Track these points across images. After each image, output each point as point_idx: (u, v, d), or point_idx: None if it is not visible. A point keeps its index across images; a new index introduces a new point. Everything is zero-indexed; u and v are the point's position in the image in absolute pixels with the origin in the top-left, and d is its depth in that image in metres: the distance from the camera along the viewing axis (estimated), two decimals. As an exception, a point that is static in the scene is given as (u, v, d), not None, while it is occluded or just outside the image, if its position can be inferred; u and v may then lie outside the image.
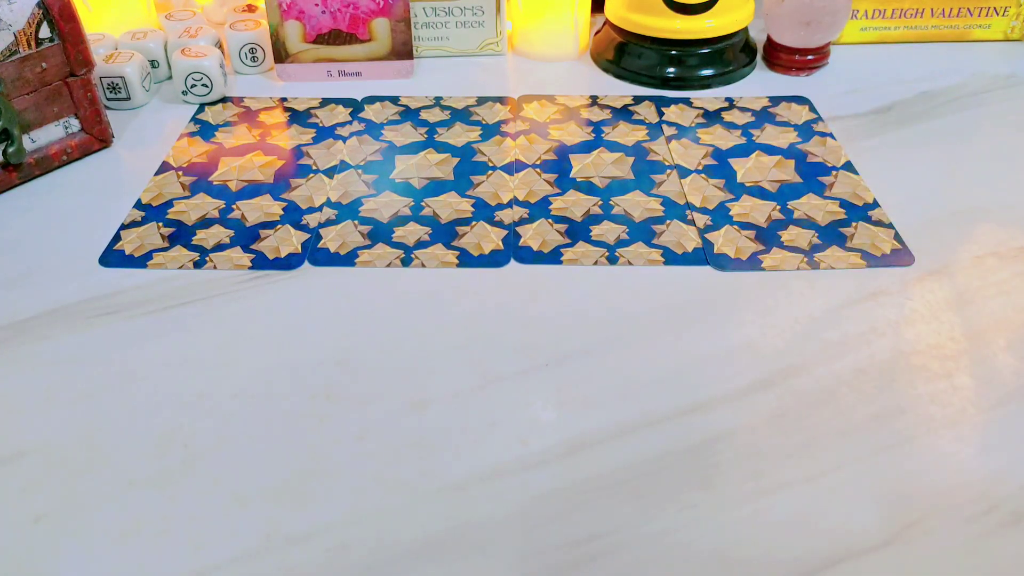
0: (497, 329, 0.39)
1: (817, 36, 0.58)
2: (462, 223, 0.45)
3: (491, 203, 0.47)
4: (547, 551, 0.29)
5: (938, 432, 0.34)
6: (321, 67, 0.60)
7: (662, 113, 0.55)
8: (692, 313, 0.40)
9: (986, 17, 0.63)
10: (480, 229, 0.45)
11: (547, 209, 0.47)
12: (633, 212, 0.46)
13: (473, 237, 0.44)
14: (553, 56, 0.63)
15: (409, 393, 0.36)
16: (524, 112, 0.56)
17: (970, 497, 0.31)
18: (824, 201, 0.47)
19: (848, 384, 0.36)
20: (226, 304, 0.40)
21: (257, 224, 0.45)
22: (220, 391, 0.36)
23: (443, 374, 0.36)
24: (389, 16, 0.58)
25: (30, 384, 0.36)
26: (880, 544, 0.29)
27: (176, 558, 0.29)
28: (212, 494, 0.32)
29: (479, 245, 0.44)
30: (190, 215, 0.46)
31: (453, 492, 0.31)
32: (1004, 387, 0.36)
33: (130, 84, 0.56)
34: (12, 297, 0.41)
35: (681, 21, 0.58)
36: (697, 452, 0.33)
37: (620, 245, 0.44)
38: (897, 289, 0.41)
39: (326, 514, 0.31)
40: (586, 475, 0.32)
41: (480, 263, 0.43)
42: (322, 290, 0.41)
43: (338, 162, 0.51)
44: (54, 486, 0.32)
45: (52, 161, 0.50)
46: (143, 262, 0.43)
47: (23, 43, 0.46)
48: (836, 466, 0.32)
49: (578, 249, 0.44)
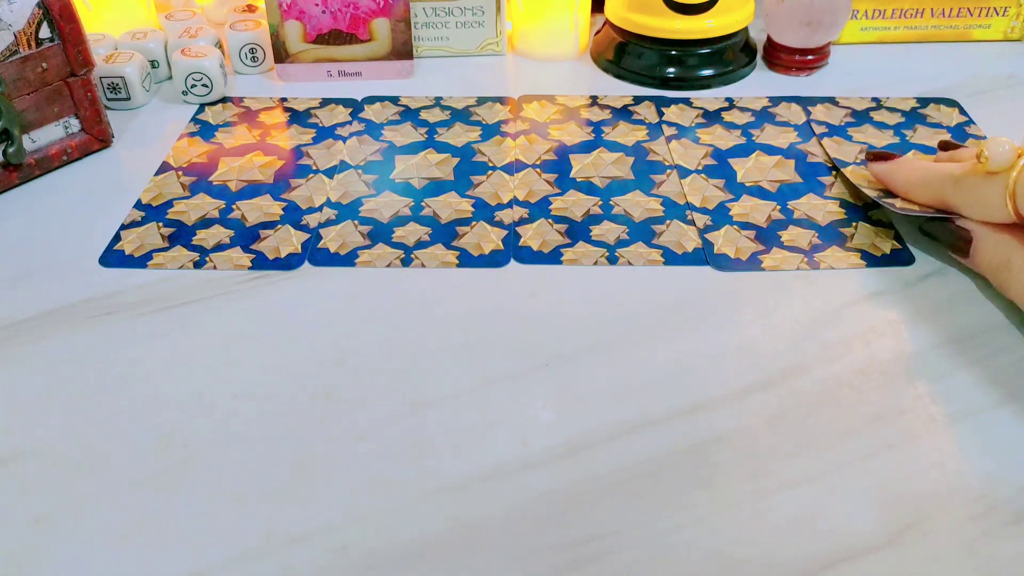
0: (497, 329, 0.39)
1: (817, 36, 0.58)
2: (462, 223, 0.45)
3: (491, 203, 0.47)
4: (547, 551, 0.29)
5: (938, 432, 0.34)
6: (321, 67, 0.60)
7: (662, 113, 0.55)
8: (692, 313, 0.40)
9: (986, 17, 0.63)
10: (480, 229, 0.45)
11: (547, 209, 0.47)
12: (633, 212, 0.46)
13: (473, 237, 0.44)
14: (553, 56, 0.63)
15: (409, 393, 0.36)
16: (524, 112, 0.56)
17: (970, 498, 0.31)
18: (824, 201, 0.47)
19: (848, 384, 0.36)
20: (226, 304, 0.40)
21: (257, 224, 0.45)
22: (220, 391, 0.36)
23: (443, 374, 0.36)
24: (389, 16, 0.58)
25: (30, 384, 0.36)
26: (880, 544, 0.29)
27: (176, 558, 0.29)
28: (212, 494, 0.32)
29: (479, 245, 0.44)
30: (190, 215, 0.46)
31: (453, 492, 0.31)
32: (1004, 387, 0.36)
33: (130, 84, 0.56)
34: (12, 297, 0.41)
35: (681, 21, 0.58)
36: (697, 452, 0.33)
37: (620, 245, 0.44)
38: (897, 289, 0.41)
39: (326, 514, 0.31)
40: (586, 475, 0.32)
41: (480, 263, 0.43)
42: (322, 290, 0.41)
43: (338, 162, 0.51)
44: (54, 486, 0.32)
45: (52, 161, 0.50)
46: (143, 262, 0.43)
47: (23, 43, 0.46)
48: (836, 466, 0.32)
49: (578, 249, 0.44)
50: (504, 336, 0.38)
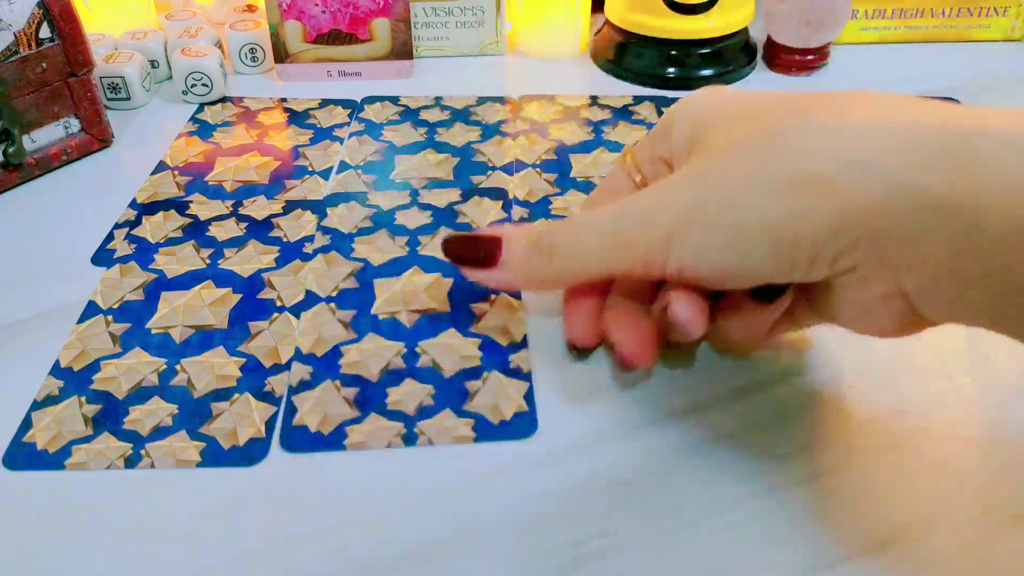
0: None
1: (817, 36, 0.58)
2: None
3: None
4: (547, 551, 0.29)
5: (938, 432, 0.34)
6: (321, 67, 0.60)
7: (662, 113, 0.55)
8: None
9: (986, 17, 0.63)
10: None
11: (547, 209, 0.47)
12: (633, 212, 0.46)
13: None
14: (553, 56, 0.63)
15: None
16: (524, 112, 0.56)
17: (970, 498, 0.31)
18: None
19: (848, 384, 0.36)
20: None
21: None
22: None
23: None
24: (389, 16, 0.58)
25: (29, 384, 0.36)
26: (880, 544, 0.29)
27: (176, 558, 0.29)
28: (212, 494, 0.31)
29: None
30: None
31: (453, 492, 0.31)
32: (1004, 387, 0.36)
33: (130, 84, 0.56)
34: (12, 297, 0.41)
35: (681, 21, 0.58)
36: (697, 452, 0.33)
37: (620, 245, 0.44)
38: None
39: (326, 514, 0.31)
40: (586, 475, 0.32)
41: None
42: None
43: (336, 163, 0.51)
44: (53, 486, 0.32)
45: (52, 161, 0.50)
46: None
47: (23, 43, 0.46)
48: (836, 466, 0.32)
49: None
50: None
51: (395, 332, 0.38)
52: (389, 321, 0.38)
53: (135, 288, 0.41)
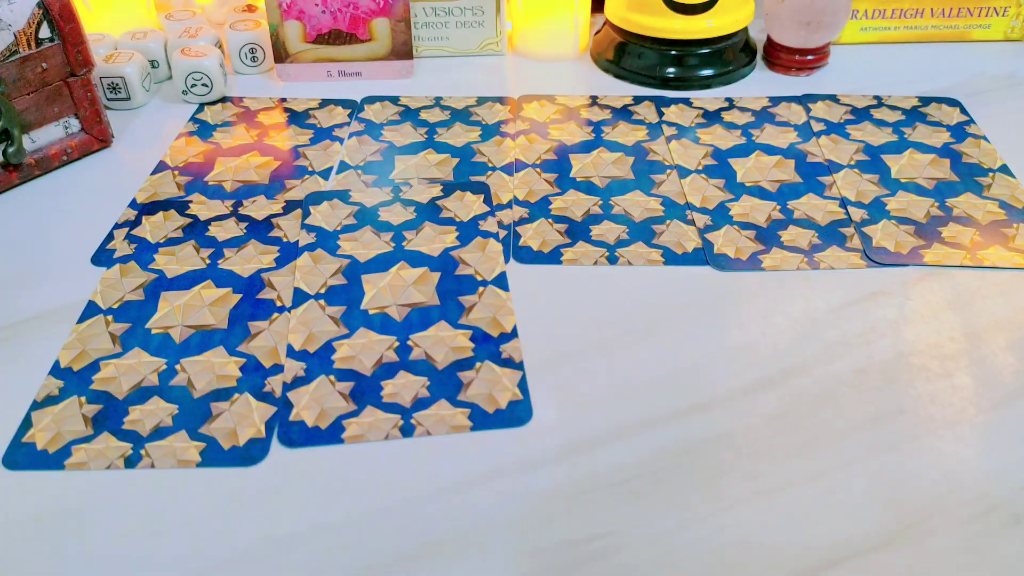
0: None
1: (817, 36, 0.58)
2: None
3: (492, 203, 0.47)
4: (547, 551, 0.29)
5: (938, 432, 0.34)
6: (321, 67, 0.60)
7: (662, 113, 0.55)
8: (692, 313, 0.40)
9: (986, 17, 0.63)
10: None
11: (547, 209, 0.47)
12: (633, 212, 0.46)
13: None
14: (553, 56, 0.63)
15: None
16: (524, 112, 0.56)
17: (970, 498, 0.31)
18: (824, 201, 0.47)
19: (848, 384, 0.36)
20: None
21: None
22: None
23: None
24: (389, 16, 0.58)
25: (29, 384, 0.36)
26: (880, 544, 0.29)
27: (176, 558, 0.29)
28: (212, 494, 0.32)
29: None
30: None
31: (453, 492, 0.31)
32: (1004, 387, 0.36)
33: (130, 84, 0.56)
34: (12, 297, 0.41)
35: (681, 21, 0.58)
36: (697, 452, 0.33)
37: (620, 245, 0.44)
38: (897, 289, 0.41)
39: (326, 513, 0.31)
40: (586, 475, 0.32)
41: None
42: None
43: (336, 163, 0.51)
44: (53, 486, 0.32)
45: (52, 161, 0.50)
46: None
47: (23, 43, 0.46)
48: (836, 466, 0.32)
49: (578, 249, 0.44)
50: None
51: (386, 326, 0.38)
52: (380, 316, 0.39)
53: (135, 288, 0.41)
